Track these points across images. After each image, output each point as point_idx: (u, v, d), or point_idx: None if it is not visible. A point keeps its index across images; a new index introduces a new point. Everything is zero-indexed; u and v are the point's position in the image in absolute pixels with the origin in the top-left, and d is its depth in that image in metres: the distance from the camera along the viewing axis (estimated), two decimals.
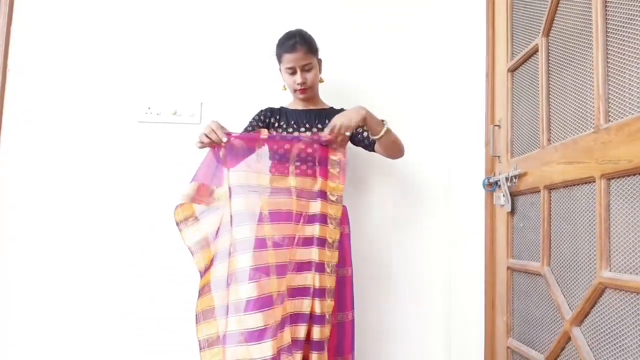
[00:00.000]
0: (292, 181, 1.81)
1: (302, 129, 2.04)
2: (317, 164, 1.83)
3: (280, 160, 1.83)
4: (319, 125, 2.05)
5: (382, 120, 1.92)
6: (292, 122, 2.06)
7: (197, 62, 2.45)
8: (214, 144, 1.75)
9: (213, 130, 1.73)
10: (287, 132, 2.03)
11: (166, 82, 2.44)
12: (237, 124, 2.08)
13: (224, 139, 1.73)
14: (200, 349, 1.66)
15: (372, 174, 2.40)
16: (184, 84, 2.44)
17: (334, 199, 1.83)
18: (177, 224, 1.73)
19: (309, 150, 1.84)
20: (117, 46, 2.45)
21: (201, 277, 1.73)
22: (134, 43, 2.45)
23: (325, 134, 1.81)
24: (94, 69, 2.43)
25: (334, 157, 1.84)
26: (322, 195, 1.82)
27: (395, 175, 2.43)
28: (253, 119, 2.09)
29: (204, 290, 1.71)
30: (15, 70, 2.42)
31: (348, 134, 1.81)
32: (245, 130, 2.06)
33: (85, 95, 2.42)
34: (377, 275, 2.39)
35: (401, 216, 2.44)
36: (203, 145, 1.77)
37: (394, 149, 2.03)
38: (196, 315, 1.69)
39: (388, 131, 1.92)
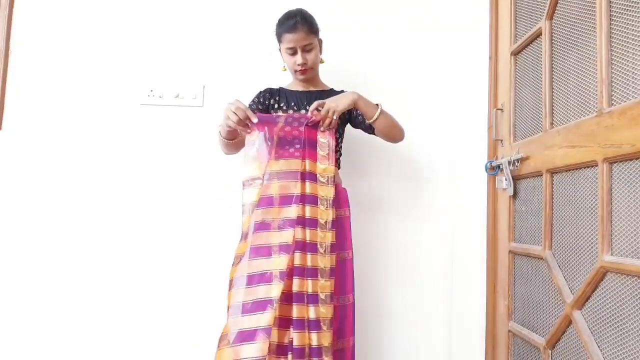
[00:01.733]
0: (284, 164, 1.81)
1: (303, 111, 2.01)
2: (305, 145, 1.82)
3: (277, 145, 1.83)
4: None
5: (377, 104, 1.91)
6: (293, 104, 2.03)
7: (199, 45, 2.43)
8: (242, 123, 1.77)
9: (240, 108, 1.76)
10: (288, 114, 1.99)
11: (168, 65, 2.42)
12: None
13: (254, 120, 1.77)
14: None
15: (373, 157, 2.39)
16: (186, 67, 2.42)
17: (324, 180, 1.83)
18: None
19: (296, 132, 1.82)
20: (119, 28, 2.43)
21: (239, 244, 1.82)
22: (136, 25, 2.43)
23: (311, 114, 1.81)
24: (96, 51, 2.42)
25: (323, 139, 1.83)
26: (312, 177, 1.81)
27: (397, 159, 2.42)
28: (252, 101, 2.06)
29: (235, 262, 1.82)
30: (17, 53, 2.41)
31: (335, 117, 1.81)
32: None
33: (87, 77, 2.40)
34: (378, 258, 2.40)
35: (403, 199, 2.43)
36: (232, 126, 1.77)
37: (393, 133, 2.00)
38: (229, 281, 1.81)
39: (382, 114, 1.90)
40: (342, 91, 2.10)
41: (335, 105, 1.80)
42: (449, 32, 2.43)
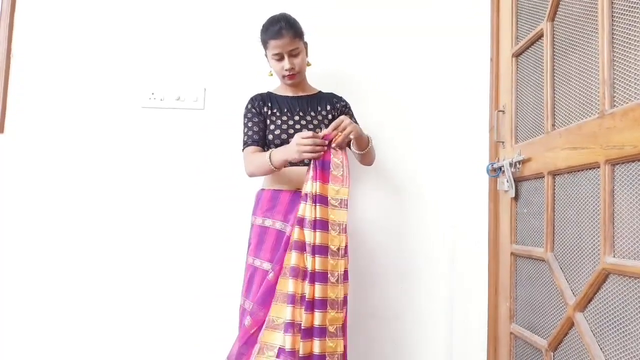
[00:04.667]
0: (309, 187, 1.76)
1: (297, 117, 2.01)
2: (318, 166, 1.77)
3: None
4: (312, 113, 2.04)
5: (369, 138, 1.97)
6: (285, 110, 2.02)
7: (200, 47, 2.44)
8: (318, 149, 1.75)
9: (314, 139, 1.73)
10: (282, 120, 1.98)
11: (169, 68, 2.43)
12: (241, 110, 2.06)
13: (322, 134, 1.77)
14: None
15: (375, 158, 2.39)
16: (187, 70, 2.43)
17: (336, 203, 1.77)
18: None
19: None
20: (121, 31, 2.44)
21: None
22: (138, 28, 2.44)
23: (329, 131, 1.77)
24: (97, 54, 2.42)
25: (337, 159, 1.79)
26: (322, 200, 1.75)
27: (397, 160, 2.42)
28: (250, 113, 2.03)
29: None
30: (19, 56, 2.41)
31: (351, 137, 1.81)
32: (251, 127, 2.00)
33: (89, 80, 2.41)
34: (379, 260, 2.39)
35: (403, 201, 2.43)
36: (314, 156, 1.75)
37: (368, 161, 2.10)
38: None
39: (371, 149, 2.00)
40: (330, 93, 2.12)
41: (354, 125, 1.80)
42: (450, 34, 2.43)
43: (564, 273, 1.52)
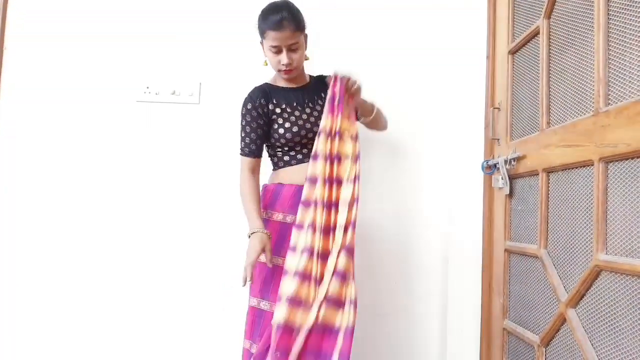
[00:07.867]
0: None
1: (308, 110, 1.89)
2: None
3: None
4: (320, 102, 1.92)
5: (372, 104, 1.94)
6: (295, 104, 1.88)
7: (195, 42, 2.43)
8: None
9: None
10: (295, 116, 1.86)
11: (165, 62, 2.42)
12: (236, 104, 2.05)
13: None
14: None
15: (369, 154, 2.39)
16: (182, 64, 2.42)
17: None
18: None
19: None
20: (116, 25, 2.42)
21: None
22: (133, 22, 2.43)
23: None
24: (92, 48, 2.41)
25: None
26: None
27: (393, 157, 2.42)
28: (250, 115, 1.85)
29: None
30: (11, 49, 2.40)
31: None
32: (249, 133, 1.85)
33: (83, 74, 2.40)
34: (373, 256, 2.39)
35: (399, 197, 2.43)
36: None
37: (381, 125, 2.05)
38: None
39: (378, 112, 1.95)
40: (319, 76, 2.04)
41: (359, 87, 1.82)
42: (446, 31, 2.43)
43: (557, 270, 1.53)
